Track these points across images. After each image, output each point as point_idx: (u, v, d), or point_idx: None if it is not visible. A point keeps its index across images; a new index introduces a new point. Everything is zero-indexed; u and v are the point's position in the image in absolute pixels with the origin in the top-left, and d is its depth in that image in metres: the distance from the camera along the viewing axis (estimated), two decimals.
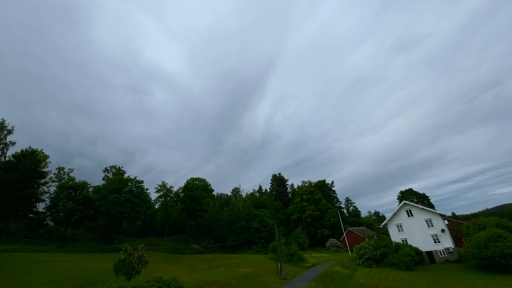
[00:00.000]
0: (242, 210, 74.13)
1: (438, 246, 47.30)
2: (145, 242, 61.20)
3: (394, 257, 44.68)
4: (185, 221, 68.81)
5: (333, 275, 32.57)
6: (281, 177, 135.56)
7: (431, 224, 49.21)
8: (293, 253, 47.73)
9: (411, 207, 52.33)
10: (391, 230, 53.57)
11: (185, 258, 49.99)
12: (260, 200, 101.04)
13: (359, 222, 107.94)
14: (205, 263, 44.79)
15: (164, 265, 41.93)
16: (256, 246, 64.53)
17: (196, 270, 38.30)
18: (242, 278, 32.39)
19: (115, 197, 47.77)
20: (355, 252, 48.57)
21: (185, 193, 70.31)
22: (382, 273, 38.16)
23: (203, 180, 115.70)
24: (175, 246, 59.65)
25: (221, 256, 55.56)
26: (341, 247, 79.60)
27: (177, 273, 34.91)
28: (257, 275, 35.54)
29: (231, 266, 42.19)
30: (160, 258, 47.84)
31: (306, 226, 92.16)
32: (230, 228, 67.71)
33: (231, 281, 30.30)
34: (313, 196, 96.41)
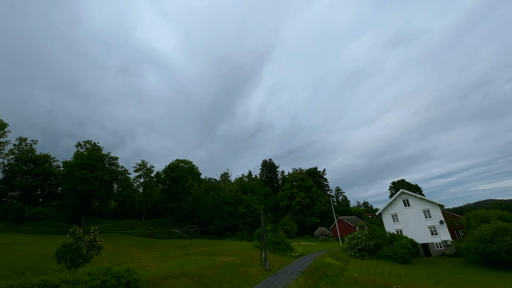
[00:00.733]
0: (229, 194, 69.92)
1: (435, 238, 44.48)
2: (119, 224, 56.53)
3: (389, 249, 41.59)
4: (165, 204, 64.21)
5: (324, 268, 28.78)
6: (271, 163, 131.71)
7: (428, 215, 46.25)
8: (280, 241, 44.01)
9: (409, 196, 49.13)
10: (386, 220, 50.49)
11: (161, 243, 45.61)
12: (249, 185, 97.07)
13: (349, 212, 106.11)
14: (182, 250, 40.55)
15: (135, 250, 37.44)
16: (241, 233, 60.87)
17: (169, 257, 33.92)
18: (219, 269, 28.18)
19: (82, 174, 42.32)
20: (347, 242, 45.29)
21: (166, 174, 65.23)
22: (377, 266, 34.82)
23: (189, 162, 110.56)
24: (152, 230, 55.20)
25: (202, 242, 51.51)
26: (330, 235, 77.19)
27: (145, 260, 30.46)
28: (237, 265, 31.44)
29: (211, 253, 38.05)
30: (133, 242, 43.29)
31: (295, 213, 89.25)
32: (214, 213, 63.63)
33: (206, 272, 26.00)
34: (304, 183, 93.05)
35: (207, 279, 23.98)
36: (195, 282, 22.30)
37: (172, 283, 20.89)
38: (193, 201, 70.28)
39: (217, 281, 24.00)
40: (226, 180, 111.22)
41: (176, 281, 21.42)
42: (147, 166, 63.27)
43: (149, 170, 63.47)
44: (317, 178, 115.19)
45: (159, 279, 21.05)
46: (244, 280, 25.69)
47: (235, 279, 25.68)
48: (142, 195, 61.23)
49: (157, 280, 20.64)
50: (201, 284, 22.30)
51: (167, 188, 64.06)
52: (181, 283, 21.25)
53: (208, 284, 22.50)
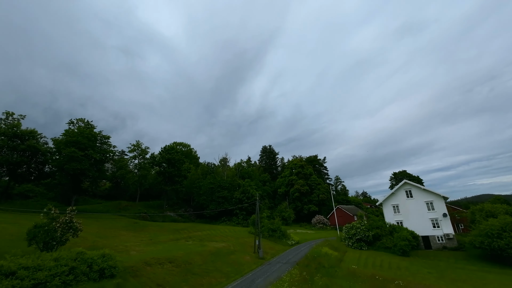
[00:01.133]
0: (226, 179, 68.38)
1: (437, 231, 43.00)
2: (112, 205, 55.28)
3: (388, 240, 40.19)
4: (160, 186, 62.78)
5: (320, 259, 27.24)
6: (271, 150, 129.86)
7: (431, 207, 44.57)
8: (276, 228, 42.65)
9: (412, 187, 47.25)
10: (386, 210, 48.91)
11: (153, 226, 44.36)
12: (247, 171, 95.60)
13: (348, 201, 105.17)
14: (173, 233, 39.22)
15: (124, 232, 36.08)
16: (236, 218, 59.79)
17: (158, 241, 32.49)
18: (209, 256, 26.66)
19: (71, 151, 40.33)
20: (345, 232, 43.93)
21: (162, 155, 63.35)
22: (375, 258, 33.42)
23: (187, 145, 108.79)
24: (146, 212, 54.02)
25: (196, 226, 50.35)
26: (327, 224, 76.37)
27: (132, 243, 28.98)
28: (229, 252, 30.00)
29: (203, 238, 36.69)
30: (124, 224, 41.99)
31: (293, 200, 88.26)
32: (210, 197, 62.30)
33: (195, 258, 24.44)
34: (303, 171, 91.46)
35: (195, 266, 22.41)
36: (181, 270, 20.69)
37: (155, 270, 19.25)
38: (189, 185, 68.87)
39: (205, 269, 22.43)
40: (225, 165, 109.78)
41: (160, 268, 19.79)
42: (141, 147, 61.28)
43: (144, 151, 61.52)
44: (317, 166, 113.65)
45: (141, 265, 19.41)
46: (235, 268, 24.17)
47: (225, 267, 24.15)
48: (136, 177, 59.67)
49: (139, 267, 18.98)
50: (187, 272, 20.70)
51: (162, 170, 62.38)
52: (164, 271, 19.60)
53: (195, 272, 20.90)
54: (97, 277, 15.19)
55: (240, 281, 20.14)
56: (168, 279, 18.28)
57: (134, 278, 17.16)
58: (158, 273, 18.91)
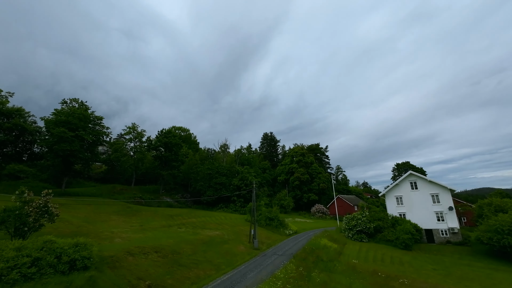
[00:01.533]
0: (224, 165, 66.76)
1: (441, 225, 41.44)
2: (106, 189, 54.00)
3: (390, 233, 38.75)
4: (156, 171, 61.37)
5: (319, 251, 25.70)
6: (272, 137, 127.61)
7: (437, 200, 42.81)
8: (273, 217, 41.22)
9: (417, 178, 45.33)
10: (389, 202, 47.26)
11: (147, 211, 43.07)
12: (247, 158, 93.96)
13: (348, 191, 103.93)
14: (166, 220, 37.89)
15: (114, 217, 34.73)
16: (234, 205, 58.61)
17: (149, 227, 31.10)
18: (201, 245, 25.16)
19: (60, 132, 38.44)
20: (345, 223, 42.48)
21: (158, 139, 61.44)
22: (376, 251, 31.96)
23: (186, 130, 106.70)
24: (141, 197, 52.79)
25: (192, 212, 49.13)
26: (327, 213, 75.34)
27: (120, 229, 27.53)
28: (223, 241, 28.54)
29: (197, 226, 35.32)
30: (116, 208, 40.65)
31: (293, 189, 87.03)
32: (207, 183, 60.90)
33: (184, 248, 22.90)
34: (304, 159, 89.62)
35: (183, 256, 20.86)
36: (167, 261, 19.12)
37: (138, 261, 17.65)
38: (187, 170, 67.38)
39: (194, 259, 20.89)
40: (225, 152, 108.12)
41: (143, 259, 18.20)
42: (137, 129, 59.32)
43: (140, 134, 59.61)
44: (318, 155, 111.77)
45: (123, 255, 17.81)
46: (227, 260, 22.65)
47: (217, 258, 22.63)
48: (132, 160, 58.12)
49: (120, 257, 17.38)
50: (173, 263, 19.13)
51: (158, 154, 60.69)
52: (148, 261, 18.01)
53: (183, 264, 19.34)
54: (66, 269, 13.51)
55: (230, 275, 18.58)
56: (150, 271, 16.68)
57: (112, 270, 15.54)
58: (140, 264, 17.31)
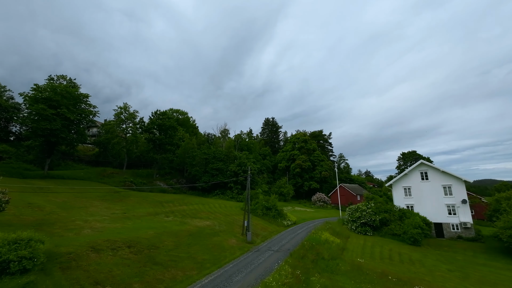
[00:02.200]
0: (222, 150, 63.67)
1: (453, 218, 38.58)
2: (96, 172, 51.42)
3: (397, 226, 35.95)
4: (150, 154, 58.55)
5: (319, 247, 22.84)
6: (274, 122, 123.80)
7: (449, 192, 39.76)
8: (271, 206, 38.43)
9: (428, 168, 42.09)
10: (396, 193, 44.28)
11: (136, 196, 40.47)
12: (246, 143, 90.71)
13: (351, 179, 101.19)
14: (155, 206, 35.25)
15: (97, 203, 32.04)
16: (231, 192, 56.02)
17: (132, 215, 28.39)
18: (186, 237, 22.35)
19: (39, 109, 35.20)
20: (349, 214, 39.69)
21: (152, 121, 58.08)
22: (383, 247, 29.21)
23: (184, 113, 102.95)
24: (132, 181, 50.20)
25: (185, 198, 46.57)
26: (328, 203, 72.87)
27: (97, 217, 24.77)
28: (213, 232, 25.77)
29: (187, 214, 32.61)
30: (103, 193, 38.04)
31: (294, 176, 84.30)
32: (203, 168, 58.08)
33: (166, 241, 20.08)
34: (307, 145, 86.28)
35: (162, 252, 18.03)
36: (140, 258, 16.25)
37: (102, 258, 14.76)
38: (183, 154, 64.40)
39: (175, 256, 18.06)
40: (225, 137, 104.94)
41: (110, 256, 15.31)
42: (129, 110, 55.88)
43: (132, 115, 56.20)
44: (321, 142, 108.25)
45: (85, 251, 14.93)
46: (214, 256, 19.81)
47: (203, 253, 19.80)
48: (124, 142, 55.13)
49: (80, 253, 14.49)
50: (148, 260, 16.28)
51: (151, 136, 57.54)
52: (115, 259, 15.12)
53: (158, 261, 16.48)
54: None
55: (213, 277, 15.73)
56: (115, 273, 13.79)
57: (64, 271, 12.62)
58: (104, 263, 14.42)
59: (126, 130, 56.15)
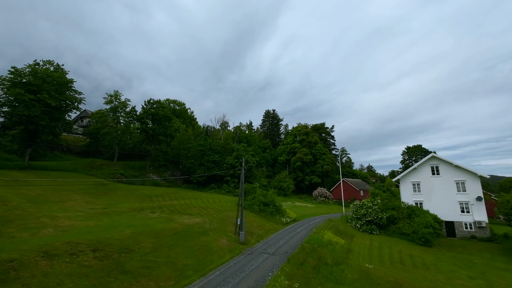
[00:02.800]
0: (219, 141, 60.77)
1: (466, 217, 35.78)
2: (84, 163, 48.69)
3: (406, 225, 33.16)
4: (142, 145, 55.77)
5: (322, 250, 20.03)
6: (275, 115, 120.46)
7: (462, 188, 36.85)
8: (268, 201, 35.64)
9: (440, 162, 39.10)
10: (404, 188, 41.43)
11: (124, 189, 37.77)
12: (246, 136, 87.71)
13: (353, 174, 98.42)
14: (142, 201, 32.51)
15: (77, 196, 29.32)
16: (227, 186, 53.34)
17: (113, 211, 25.65)
18: (169, 237, 19.59)
19: (15, 93, 32.30)
20: (353, 211, 36.93)
21: (144, 110, 55.05)
22: (391, 248, 26.43)
23: (181, 104, 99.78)
24: (122, 173, 47.54)
25: (178, 192, 43.88)
26: (330, 198, 70.21)
27: (69, 213, 22.05)
28: (202, 231, 23.00)
29: (176, 210, 29.87)
30: (87, 186, 35.30)
31: (294, 170, 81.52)
32: (199, 161, 55.31)
33: (143, 242, 17.32)
34: (308, 138, 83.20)
35: (135, 256, 15.24)
36: (105, 265, 13.45)
37: (53, 267, 11.95)
38: (178, 146, 61.52)
39: (150, 261, 15.27)
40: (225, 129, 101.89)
41: (66, 263, 12.50)
42: (120, 98, 52.81)
43: (123, 103, 53.20)
44: (323, 135, 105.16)
45: (35, 256, 12.13)
46: (198, 260, 17.02)
47: (185, 257, 17.02)
48: (114, 133, 52.27)
49: (27, 260, 11.69)
50: (115, 267, 13.49)
51: (144, 127, 54.63)
52: (72, 267, 12.31)
53: (128, 269, 13.69)
54: None
55: None
56: (66, 287, 10.95)
57: None
58: (55, 272, 11.61)
59: (117, 119, 53.15)
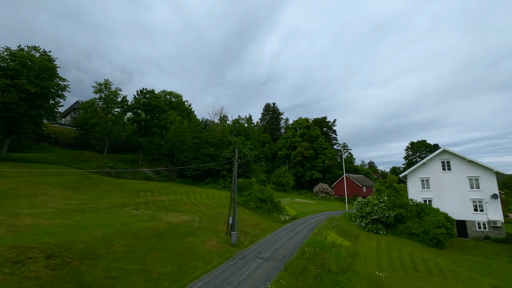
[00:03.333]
0: (215, 134, 58.01)
1: (479, 216, 33.31)
2: (71, 156, 46.08)
3: (416, 224, 30.62)
4: (134, 137, 53.05)
5: (325, 255, 17.47)
6: (275, 108, 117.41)
7: (476, 185, 34.31)
8: (266, 198, 33.03)
9: (452, 157, 36.48)
10: (412, 185, 38.91)
11: (110, 183, 35.22)
12: (244, 129, 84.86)
13: (355, 169, 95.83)
14: (127, 196, 29.95)
15: (55, 191, 26.77)
16: (223, 181, 50.77)
17: (91, 208, 23.09)
18: (149, 238, 17.02)
19: None
20: (357, 209, 34.41)
21: (136, 99, 52.20)
22: (401, 250, 23.90)
23: (178, 95, 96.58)
24: (111, 166, 44.99)
25: (169, 187, 41.38)
26: (331, 194, 67.73)
27: (39, 209, 19.48)
28: (189, 230, 20.43)
29: (163, 206, 27.30)
30: (69, 179, 32.74)
31: (294, 165, 78.91)
32: (193, 154, 52.69)
33: (115, 245, 14.77)
34: (309, 132, 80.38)
35: (101, 264, 12.65)
36: (57, 276, 10.88)
37: None
38: (173, 139, 58.81)
39: (119, 269, 12.68)
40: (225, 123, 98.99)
41: (1, 276, 9.88)
42: (110, 88, 49.91)
43: (114, 92, 50.29)
44: (325, 129, 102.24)
45: None
46: (179, 267, 14.44)
47: (163, 264, 14.43)
48: (104, 124, 49.52)
49: None
50: (70, 278, 10.95)
51: (136, 117, 51.86)
52: (11, 280, 9.75)
53: (87, 282, 11.18)
54: None
55: None
56: None
57: None
58: None
59: (107, 109, 50.32)
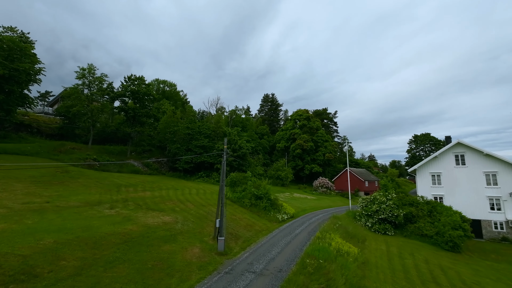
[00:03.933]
0: (208, 125, 54.59)
1: (496, 215, 30.55)
2: (51, 147, 42.68)
3: (428, 225, 27.72)
4: (121, 127, 49.62)
5: (330, 267, 14.44)
6: (274, 99, 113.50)
7: (493, 181, 31.44)
8: (262, 194, 29.92)
9: (467, 150, 33.47)
10: (421, 180, 35.96)
11: (90, 177, 32.00)
12: (241, 120, 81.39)
13: (356, 163, 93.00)
14: (105, 192, 26.75)
15: (20, 186, 23.57)
16: (217, 174, 47.68)
17: (56, 206, 19.96)
18: (114, 247, 13.90)
19: None
20: (362, 207, 31.44)
21: (124, 86, 48.52)
22: (414, 256, 20.97)
23: (172, 85, 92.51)
24: (95, 158, 41.75)
25: (158, 181, 38.28)
26: (332, 188, 64.98)
27: None
28: (169, 234, 17.33)
29: (145, 204, 24.18)
30: (42, 172, 29.48)
31: (293, 158, 75.91)
32: (185, 146, 49.44)
33: (65, 259, 11.67)
34: (309, 124, 77.04)
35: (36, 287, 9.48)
36: None
37: None
38: (165, 129, 55.39)
39: None
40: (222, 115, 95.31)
41: None
42: (95, 73, 46.08)
43: (99, 78, 46.49)
44: (325, 121, 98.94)
45: None
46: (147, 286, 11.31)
47: (126, 283, 11.39)
48: (88, 112, 45.97)
49: None
50: None
51: (122, 106, 48.32)
52: None
53: None
54: None
55: None
56: None
57: None
58: None
59: (91, 97, 46.66)
